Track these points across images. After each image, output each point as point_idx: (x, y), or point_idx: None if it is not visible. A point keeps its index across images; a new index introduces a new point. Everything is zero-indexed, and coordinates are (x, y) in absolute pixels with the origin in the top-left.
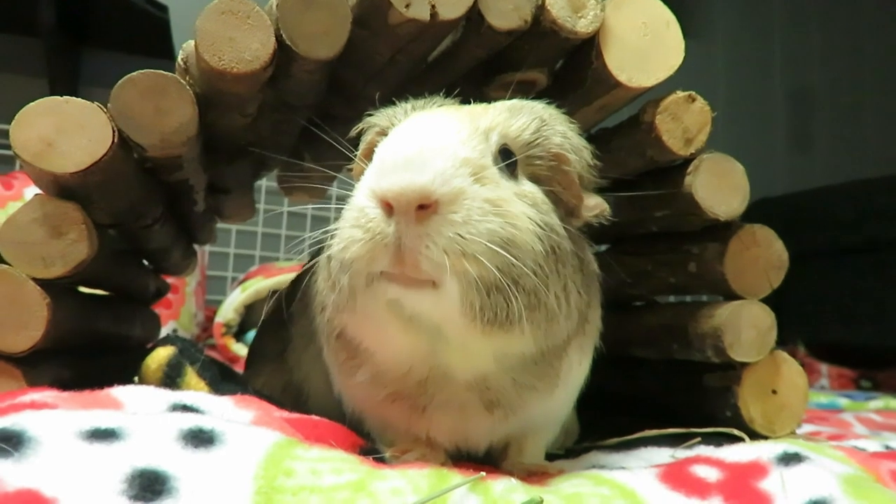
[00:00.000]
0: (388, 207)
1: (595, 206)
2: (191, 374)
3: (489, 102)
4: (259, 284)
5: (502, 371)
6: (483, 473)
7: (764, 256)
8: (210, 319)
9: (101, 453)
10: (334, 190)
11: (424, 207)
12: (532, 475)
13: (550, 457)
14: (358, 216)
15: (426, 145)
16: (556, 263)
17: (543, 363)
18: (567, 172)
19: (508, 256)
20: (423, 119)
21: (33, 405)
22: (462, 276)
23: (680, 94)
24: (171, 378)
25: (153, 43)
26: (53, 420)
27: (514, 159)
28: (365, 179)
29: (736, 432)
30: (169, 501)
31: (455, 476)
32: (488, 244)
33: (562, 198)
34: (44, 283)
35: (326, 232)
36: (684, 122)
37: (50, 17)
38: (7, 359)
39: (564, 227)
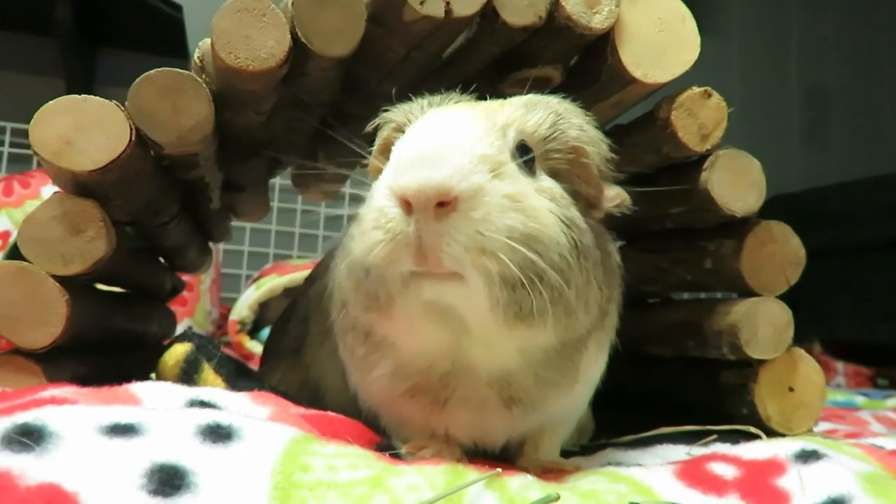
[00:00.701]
0: (407, 205)
1: (615, 196)
2: (207, 371)
3: (504, 99)
4: (273, 282)
5: (526, 365)
6: (499, 470)
7: (781, 253)
8: (225, 317)
9: (120, 448)
10: (348, 188)
11: (443, 204)
12: (548, 472)
13: (566, 454)
14: (378, 217)
15: (444, 142)
16: (579, 257)
17: (565, 358)
18: (586, 165)
19: (529, 253)
20: (439, 116)
21: (53, 401)
22: (484, 273)
23: (695, 89)
24: (188, 374)
25: (168, 42)
26: (73, 415)
27: (531, 155)
28: (383, 178)
29: (753, 430)
30: (188, 496)
31: (471, 472)
32: (507, 240)
33: (581, 191)
34: (63, 280)
35: (345, 235)
36: (700, 118)
37: (66, 18)
38: (27, 355)
39: (585, 221)
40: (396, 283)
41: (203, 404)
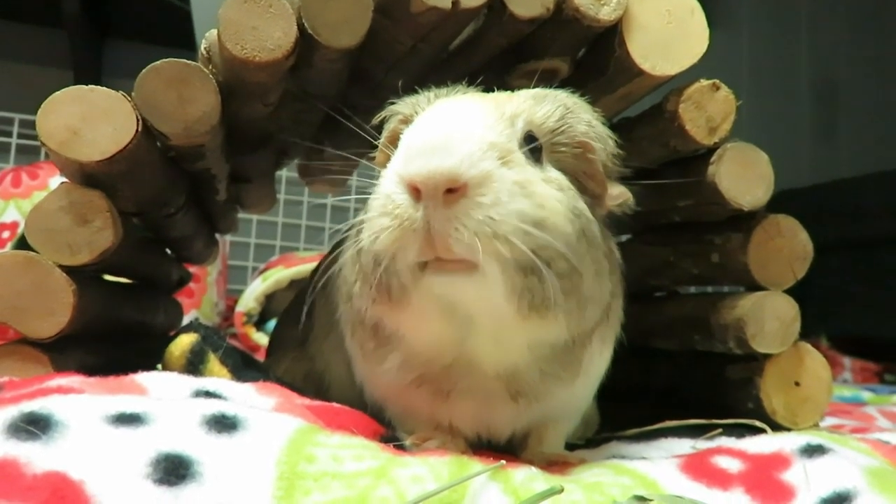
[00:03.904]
0: (416, 192)
1: (619, 195)
2: (213, 361)
3: (511, 91)
4: (279, 274)
5: (533, 361)
6: (503, 462)
7: (788, 247)
8: (231, 309)
9: (126, 437)
10: (354, 180)
11: (452, 191)
12: (552, 464)
13: (571, 447)
14: (385, 203)
15: (453, 130)
16: (588, 246)
17: (568, 352)
18: (592, 160)
19: (540, 236)
20: (449, 105)
21: (60, 390)
22: (497, 258)
23: (704, 82)
24: (193, 365)
25: (175, 33)
26: (80, 404)
27: (538, 143)
28: (391, 165)
29: (758, 424)
30: (193, 485)
31: (475, 464)
32: (519, 224)
33: (586, 186)
34: (70, 271)
35: (352, 224)
36: (708, 111)
37: (74, 9)
38: (34, 344)
39: (592, 213)
40: (408, 275)
41: (209, 394)
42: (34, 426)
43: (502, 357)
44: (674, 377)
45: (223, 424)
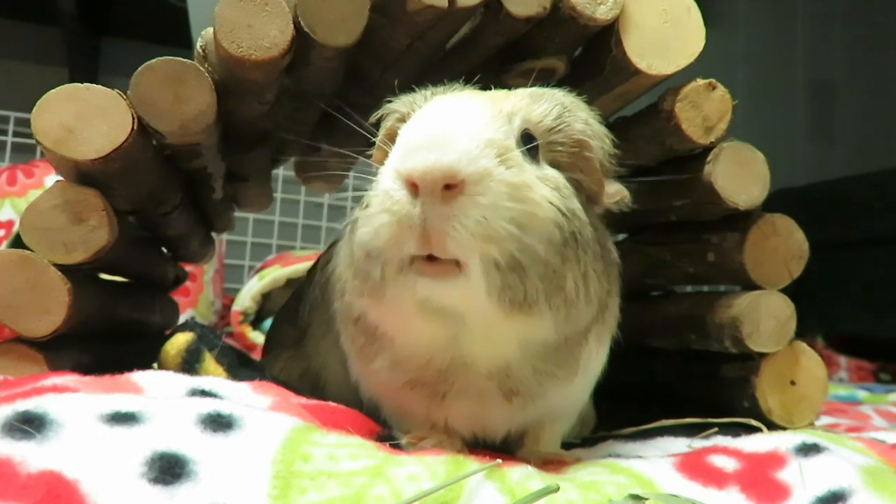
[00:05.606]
0: (414, 188)
1: (615, 193)
2: (209, 360)
3: (508, 90)
4: (276, 273)
5: (525, 358)
6: (499, 461)
7: (784, 246)
8: (227, 307)
9: (121, 436)
10: (351, 179)
11: (450, 187)
12: (548, 463)
13: (567, 446)
14: (383, 199)
15: (451, 126)
16: (577, 249)
17: (564, 351)
18: (589, 159)
19: (528, 239)
20: (446, 101)
21: (55, 389)
22: (486, 258)
23: (700, 81)
24: (189, 364)
25: (171, 32)
26: (75, 403)
27: (535, 143)
28: (389, 162)
29: (754, 423)
30: (188, 484)
31: (471, 463)
32: (510, 227)
33: (582, 184)
34: (65, 269)
35: (347, 220)
36: (704, 111)
37: (70, 7)
38: (29, 343)
39: (586, 214)
40: (392, 267)
41: (204, 394)
42: (29, 425)
43: (494, 354)
44: (670, 376)
45: (219, 423)
